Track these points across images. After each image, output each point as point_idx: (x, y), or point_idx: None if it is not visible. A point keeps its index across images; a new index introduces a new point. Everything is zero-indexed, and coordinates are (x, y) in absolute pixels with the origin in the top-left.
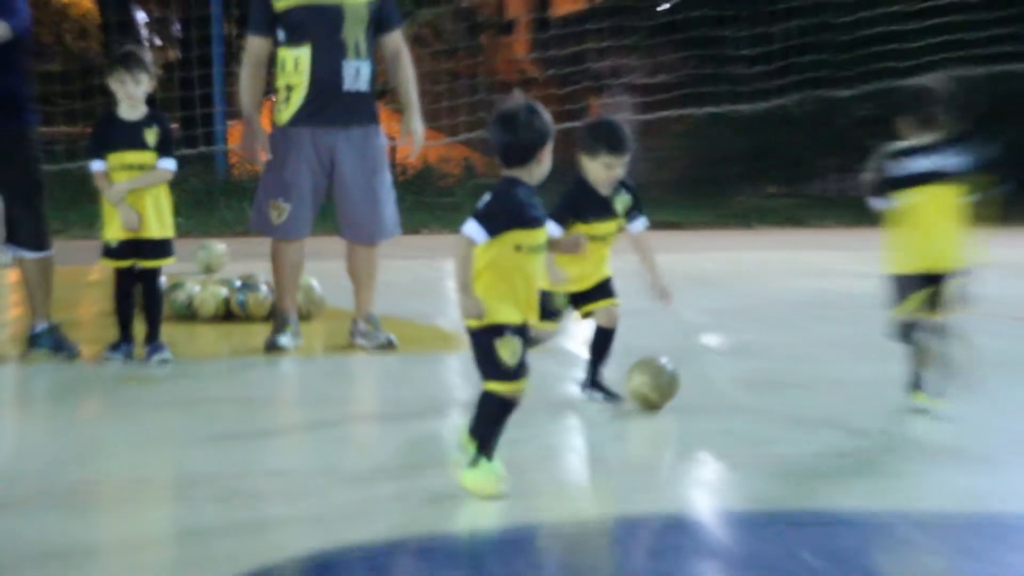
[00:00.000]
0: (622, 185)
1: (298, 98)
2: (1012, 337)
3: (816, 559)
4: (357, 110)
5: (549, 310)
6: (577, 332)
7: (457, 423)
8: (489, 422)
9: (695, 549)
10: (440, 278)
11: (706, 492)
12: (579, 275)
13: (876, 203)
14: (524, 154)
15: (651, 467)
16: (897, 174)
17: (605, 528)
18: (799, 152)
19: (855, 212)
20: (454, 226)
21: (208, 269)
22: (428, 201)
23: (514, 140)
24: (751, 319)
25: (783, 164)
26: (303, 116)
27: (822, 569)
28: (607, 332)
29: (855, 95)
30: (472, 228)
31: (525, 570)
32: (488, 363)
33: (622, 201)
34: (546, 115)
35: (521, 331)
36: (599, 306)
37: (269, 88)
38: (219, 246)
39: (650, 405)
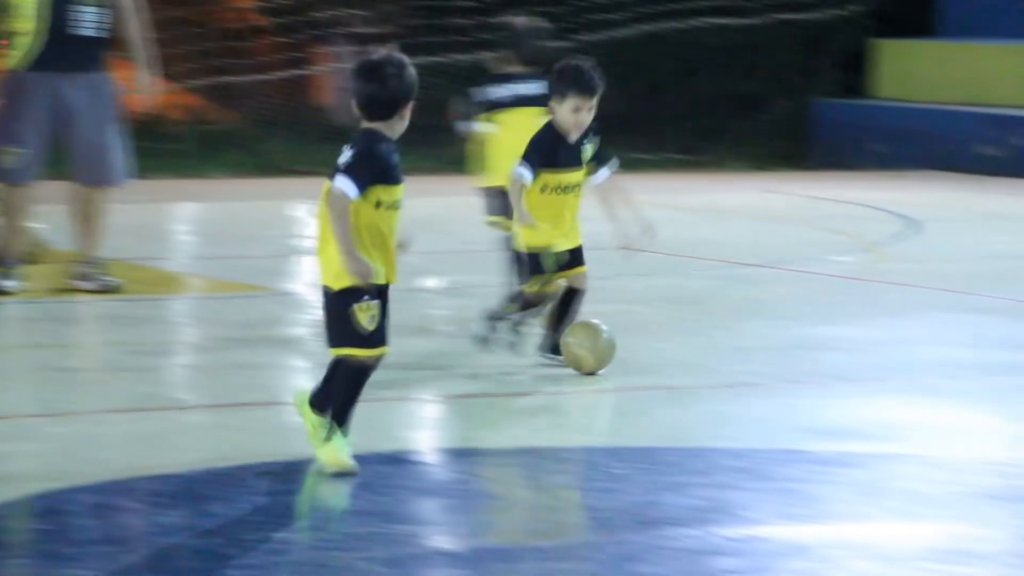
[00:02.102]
0: (590, 132)
1: (28, 43)
2: (717, 278)
3: (527, 489)
4: (88, 56)
5: (541, 269)
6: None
7: (181, 363)
8: (345, 391)
9: (410, 484)
10: (164, 221)
11: (417, 431)
12: (561, 232)
13: (464, 127)
14: (389, 108)
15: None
16: (487, 99)
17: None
18: None
19: None
20: (180, 171)
21: None
22: (156, 147)
23: (379, 93)
24: (466, 261)
25: None
26: (34, 61)
27: (534, 498)
28: (577, 293)
29: (574, 47)
30: (344, 183)
31: (244, 505)
32: (344, 328)
33: (588, 150)
34: (411, 69)
35: (382, 293)
36: (574, 272)
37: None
38: None
39: (585, 366)
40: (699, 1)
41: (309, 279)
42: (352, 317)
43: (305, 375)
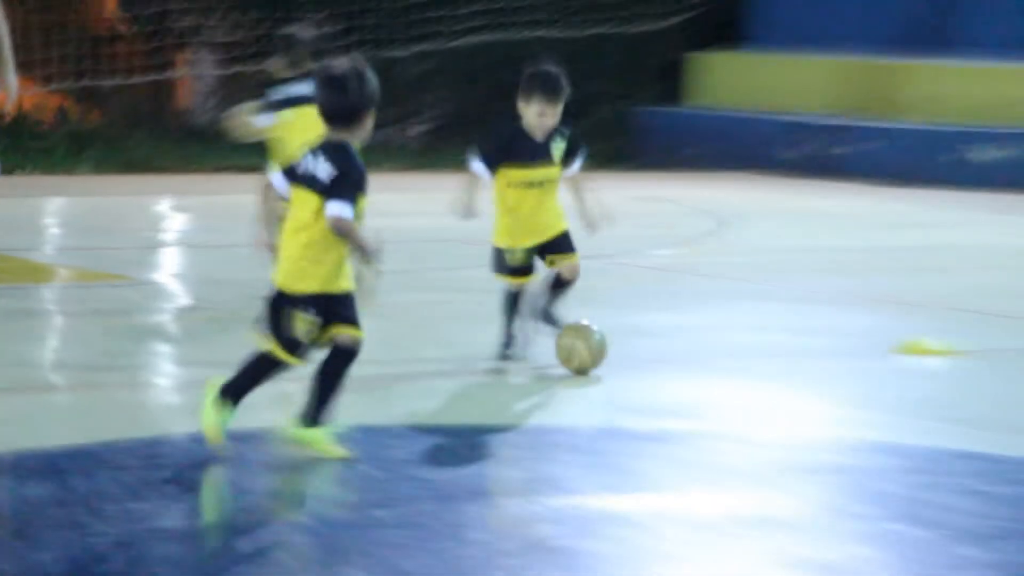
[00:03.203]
0: (558, 133)
1: None
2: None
3: (368, 464)
4: None
5: (507, 267)
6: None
7: (47, 347)
8: (254, 375)
9: (263, 460)
10: (32, 215)
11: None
12: (530, 228)
13: (260, 121)
14: (350, 116)
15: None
16: (273, 100)
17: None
18: None
19: (411, 158)
20: (46, 168)
21: None
22: (23, 145)
23: (342, 102)
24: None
25: None
26: None
27: (381, 475)
28: (567, 282)
29: (412, 55)
30: (342, 209)
31: (105, 480)
32: (286, 331)
33: (559, 148)
34: (373, 79)
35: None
36: (564, 260)
37: None
38: None
39: (581, 365)
40: (529, 15)
41: (169, 269)
42: (292, 322)
43: (166, 359)
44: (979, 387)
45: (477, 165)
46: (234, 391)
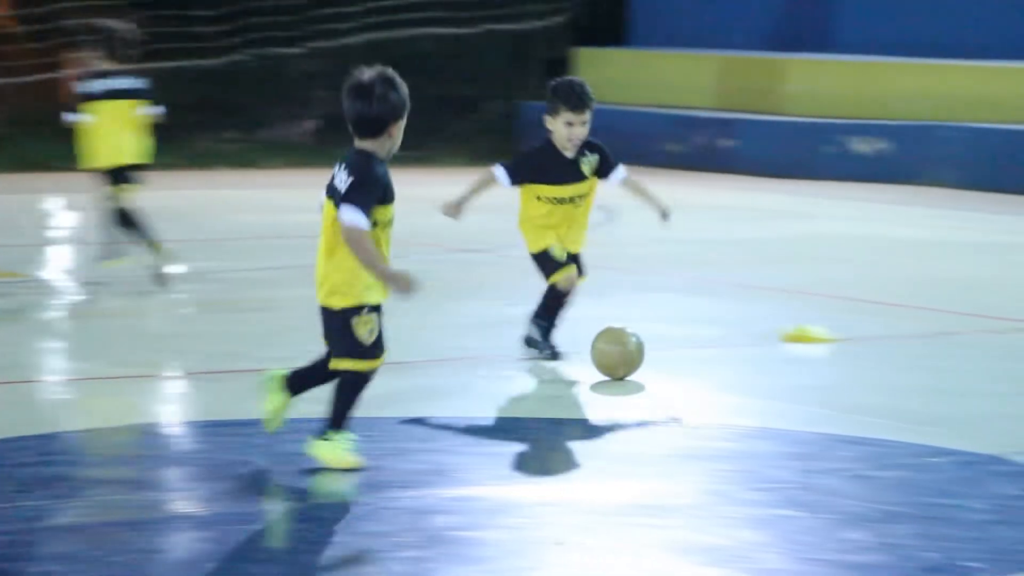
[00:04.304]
0: (587, 147)
1: None
2: (433, 262)
3: (264, 458)
4: None
5: (559, 262)
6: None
7: None
8: (345, 398)
9: (155, 455)
10: None
11: (167, 405)
12: (565, 236)
13: (69, 117)
14: (377, 126)
15: (115, 383)
16: (87, 92)
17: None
18: (252, 101)
19: (301, 155)
20: None
21: None
22: None
23: (367, 111)
24: (214, 249)
25: (238, 112)
26: None
27: (268, 467)
28: (563, 295)
29: (301, 52)
30: (354, 216)
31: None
32: (344, 342)
33: (589, 163)
34: (403, 88)
35: (379, 308)
36: (565, 271)
37: None
38: None
39: (614, 370)
40: (418, 12)
41: (61, 267)
42: (352, 331)
43: (58, 355)
44: (862, 374)
45: (500, 171)
46: (337, 419)
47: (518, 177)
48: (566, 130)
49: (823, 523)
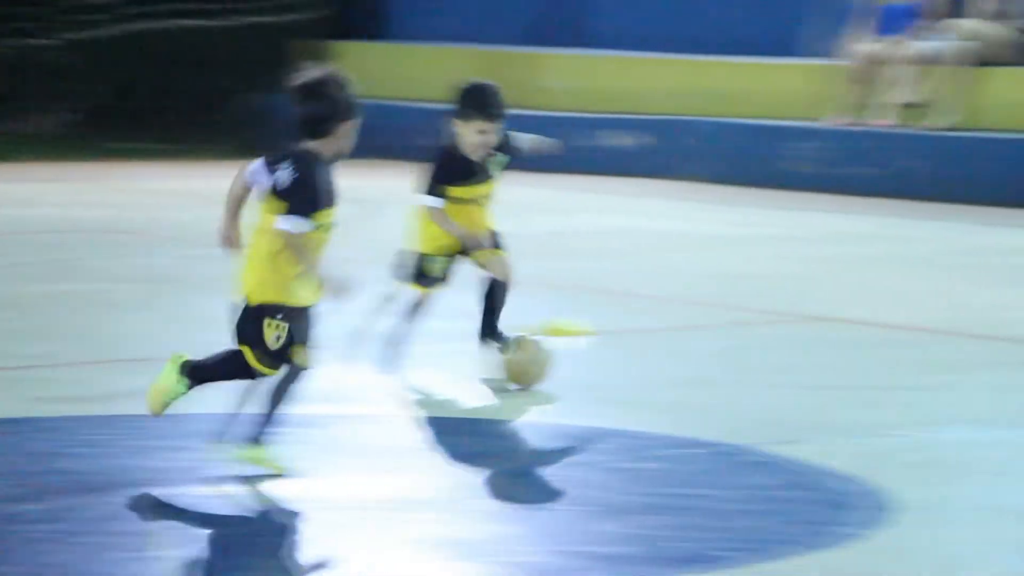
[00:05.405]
0: (496, 151)
1: None
2: (186, 258)
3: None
4: None
5: (425, 276)
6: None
7: None
8: (223, 373)
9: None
10: None
11: None
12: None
13: None
14: (325, 126)
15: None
16: None
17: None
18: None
19: (57, 148)
20: None
21: None
22: None
23: (316, 111)
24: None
25: None
26: None
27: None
28: (501, 284)
29: (52, 44)
30: (294, 223)
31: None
32: (252, 334)
33: (498, 163)
34: (350, 89)
35: (300, 315)
36: (492, 256)
37: None
38: None
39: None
40: (176, 4)
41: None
42: (262, 330)
43: None
44: (621, 367)
45: (430, 200)
46: (198, 374)
47: (436, 191)
48: (479, 138)
49: (577, 515)
